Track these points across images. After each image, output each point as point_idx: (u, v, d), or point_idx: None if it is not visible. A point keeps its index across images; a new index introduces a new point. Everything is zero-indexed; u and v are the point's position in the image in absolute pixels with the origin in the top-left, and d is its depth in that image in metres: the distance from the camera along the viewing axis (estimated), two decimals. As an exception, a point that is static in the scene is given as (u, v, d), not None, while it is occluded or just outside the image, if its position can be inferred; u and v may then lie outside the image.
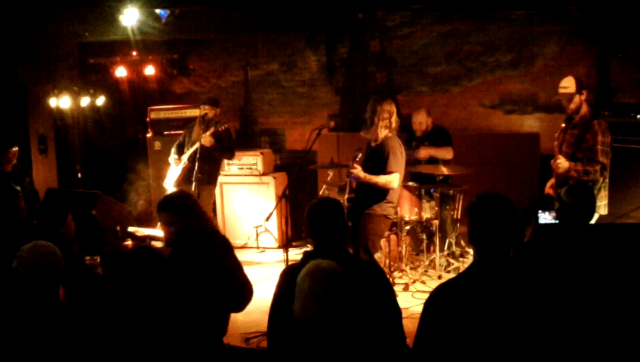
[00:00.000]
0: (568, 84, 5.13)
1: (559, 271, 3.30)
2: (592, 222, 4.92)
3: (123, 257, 3.01)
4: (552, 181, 5.23)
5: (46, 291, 3.05)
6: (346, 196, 5.41)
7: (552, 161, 5.09)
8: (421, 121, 6.83)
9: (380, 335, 2.86)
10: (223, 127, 6.67)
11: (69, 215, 4.59)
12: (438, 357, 2.49)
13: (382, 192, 5.34)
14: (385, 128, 5.34)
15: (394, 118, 5.38)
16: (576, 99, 5.10)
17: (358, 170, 5.20)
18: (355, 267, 2.75)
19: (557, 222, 3.89)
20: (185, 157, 6.90)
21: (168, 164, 7.25)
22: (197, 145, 6.66)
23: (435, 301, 2.57)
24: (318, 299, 2.49)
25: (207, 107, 6.88)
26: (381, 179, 5.27)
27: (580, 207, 3.70)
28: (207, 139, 6.65)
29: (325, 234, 3.20)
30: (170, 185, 7.03)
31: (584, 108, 5.10)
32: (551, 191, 5.23)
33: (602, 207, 5.09)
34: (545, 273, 2.69)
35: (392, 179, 5.30)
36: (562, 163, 4.96)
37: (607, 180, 5.08)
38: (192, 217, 3.95)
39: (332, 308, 2.49)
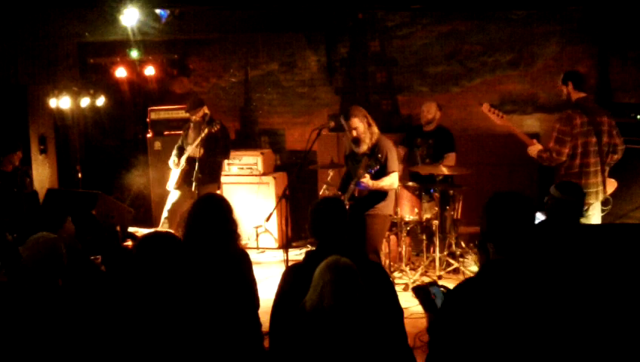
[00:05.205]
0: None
1: (559, 272, 3.28)
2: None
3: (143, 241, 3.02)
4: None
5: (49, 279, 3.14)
6: (347, 202, 5.36)
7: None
8: (430, 110, 6.81)
9: (383, 334, 2.86)
10: (217, 127, 6.67)
11: (67, 218, 4.56)
12: (456, 354, 2.48)
13: (382, 192, 5.35)
14: (370, 129, 5.36)
15: (369, 116, 5.40)
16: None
17: (367, 179, 5.17)
18: (360, 266, 2.76)
19: (545, 218, 3.88)
20: (183, 160, 6.92)
21: (168, 165, 7.26)
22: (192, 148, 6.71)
23: (457, 299, 2.54)
24: (339, 292, 2.53)
25: (199, 111, 6.87)
26: (386, 182, 5.31)
27: (569, 202, 3.69)
28: (195, 150, 6.66)
29: (328, 233, 3.20)
30: (171, 188, 7.06)
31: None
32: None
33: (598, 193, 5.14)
34: (550, 273, 2.67)
35: (395, 179, 5.36)
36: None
37: (591, 168, 5.14)
38: None
39: (349, 301, 2.53)
